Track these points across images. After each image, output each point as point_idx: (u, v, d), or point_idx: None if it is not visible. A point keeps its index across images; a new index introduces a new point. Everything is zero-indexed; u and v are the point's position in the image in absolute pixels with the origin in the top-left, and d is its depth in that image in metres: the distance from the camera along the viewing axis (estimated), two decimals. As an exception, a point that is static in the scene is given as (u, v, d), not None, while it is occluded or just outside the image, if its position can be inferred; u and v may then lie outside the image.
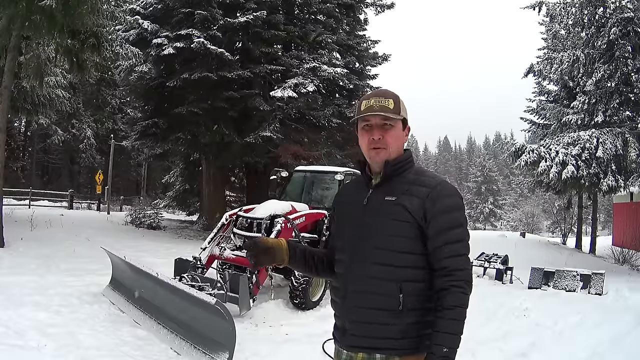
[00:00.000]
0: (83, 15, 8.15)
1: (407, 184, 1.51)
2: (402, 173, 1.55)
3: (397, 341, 1.45)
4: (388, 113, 1.51)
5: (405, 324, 1.44)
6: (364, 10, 16.52)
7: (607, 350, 4.41)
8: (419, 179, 1.53)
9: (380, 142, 1.52)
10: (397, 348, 1.46)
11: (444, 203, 1.47)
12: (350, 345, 1.52)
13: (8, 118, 10.06)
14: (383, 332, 1.46)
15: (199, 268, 5.91)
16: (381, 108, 1.51)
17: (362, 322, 1.48)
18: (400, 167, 1.55)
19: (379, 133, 1.52)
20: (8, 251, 8.08)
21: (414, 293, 1.45)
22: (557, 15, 12.25)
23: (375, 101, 1.53)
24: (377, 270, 1.47)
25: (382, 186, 1.55)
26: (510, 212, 51.78)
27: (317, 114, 14.08)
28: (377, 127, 1.53)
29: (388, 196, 1.51)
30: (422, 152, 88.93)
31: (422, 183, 1.51)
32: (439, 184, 1.51)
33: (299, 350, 4.35)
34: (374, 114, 1.51)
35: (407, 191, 1.49)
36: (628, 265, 12.89)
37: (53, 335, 4.13)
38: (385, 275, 1.46)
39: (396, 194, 1.50)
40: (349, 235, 1.56)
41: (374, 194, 1.55)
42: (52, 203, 21.61)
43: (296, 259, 1.66)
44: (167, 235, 14.12)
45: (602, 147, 10.69)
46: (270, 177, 7.45)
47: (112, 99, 28.21)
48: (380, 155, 1.53)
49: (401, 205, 1.47)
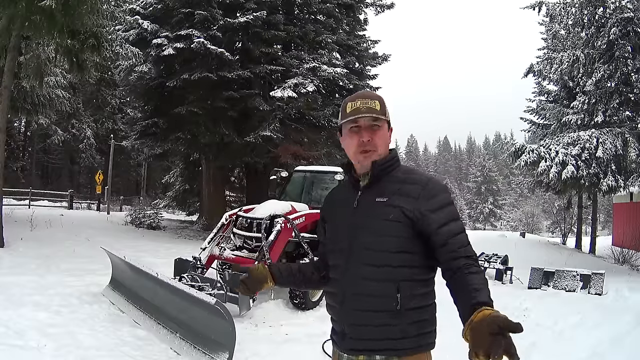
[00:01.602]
0: (83, 15, 8.14)
1: (398, 183, 1.51)
2: (391, 172, 1.54)
3: (397, 341, 1.45)
4: (375, 114, 1.50)
5: (404, 323, 1.44)
6: (364, 10, 16.53)
7: (607, 350, 4.41)
8: (409, 177, 1.52)
9: (369, 145, 1.51)
10: (396, 348, 1.45)
11: (438, 199, 1.47)
12: (350, 349, 1.52)
13: (8, 118, 10.05)
14: (383, 334, 1.45)
15: (198, 268, 5.90)
16: (368, 109, 1.50)
17: (362, 324, 1.48)
18: (388, 167, 1.54)
19: (368, 135, 1.51)
20: (8, 251, 8.07)
21: (412, 292, 1.45)
22: (557, 15, 12.27)
23: (362, 103, 1.51)
24: (374, 272, 1.46)
25: (372, 187, 1.53)
26: (510, 212, 51.85)
27: (317, 114, 14.08)
28: (366, 128, 1.51)
29: (379, 197, 1.50)
30: (422, 152, 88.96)
31: (413, 181, 1.50)
32: (430, 181, 1.51)
33: (298, 350, 4.35)
34: (363, 115, 1.50)
35: (398, 190, 1.48)
36: (628, 265, 12.90)
37: (53, 335, 4.13)
38: (382, 277, 1.45)
39: (387, 195, 1.49)
40: (342, 239, 1.54)
41: (363, 196, 1.54)
42: (52, 203, 21.62)
43: (282, 277, 1.70)
44: (167, 235, 14.12)
45: (602, 147, 10.69)
46: (270, 177, 7.45)
47: (112, 99, 28.22)
48: (371, 158, 1.52)
49: (393, 205, 1.46)
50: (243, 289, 1.67)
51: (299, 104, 13.14)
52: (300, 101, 13.03)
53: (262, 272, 1.67)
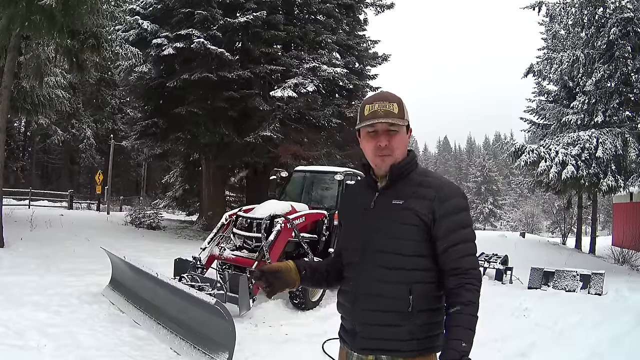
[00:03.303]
0: (83, 16, 8.14)
1: (414, 186, 1.51)
2: (408, 175, 1.54)
3: (405, 343, 1.45)
4: (394, 119, 1.49)
5: (414, 325, 1.45)
6: (364, 10, 16.54)
7: (607, 350, 4.42)
8: (425, 180, 1.52)
9: (386, 149, 1.50)
10: (403, 350, 1.46)
11: (451, 204, 1.47)
12: (361, 348, 1.52)
13: (8, 118, 10.05)
14: (392, 334, 1.46)
15: (198, 268, 5.91)
16: (386, 113, 1.48)
17: (373, 324, 1.48)
18: (406, 170, 1.54)
19: (385, 139, 1.50)
20: (8, 251, 8.07)
21: (424, 295, 1.46)
22: (557, 16, 12.27)
23: (380, 106, 1.49)
24: (387, 273, 1.46)
25: (389, 189, 1.54)
26: (510, 212, 51.82)
27: (316, 114, 14.07)
28: (383, 133, 1.50)
29: (395, 200, 1.50)
30: (422, 152, 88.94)
31: (429, 184, 1.50)
32: (445, 185, 1.51)
33: (298, 350, 4.35)
34: (380, 121, 1.48)
35: (414, 194, 1.49)
36: (628, 265, 12.90)
37: (53, 335, 4.13)
38: (395, 279, 1.46)
39: (404, 197, 1.49)
40: (358, 239, 1.55)
41: (380, 198, 1.54)
42: (51, 203, 21.61)
43: (307, 277, 1.63)
44: (166, 235, 14.11)
45: (602, 147, 10.69)
46: (270, 177, 7.44)
47: (112, 99, 28.22)
48: (386, 162, 1.52)
49: (409, 209, 1.47)
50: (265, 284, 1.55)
51: (299, 104, 13.14)
52: (300, 101, 13.03)
53: (294, 276, 1.59)
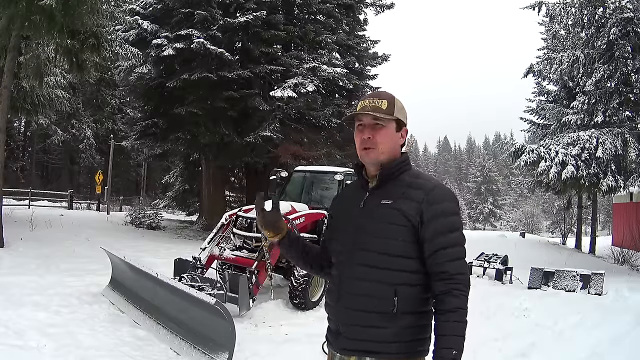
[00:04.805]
0: (83, 15, 8.14)
1: (404, 187, 1.51)
2: (399, 176, 1.54)
3: (389, 345, 1.44)
4: (379, 113, 1.51)
5: (398, 327, 1.43)
6: (364, 10, 16.51)
7: (607, 350, 4.42)
8: (415, 182, 1.52)
9: (369, 142, 1.52)
10: (388, 352, 1.44)
11: (440, 206, 1.46)
12: (343, 349, 1.51)
13: (8, 118, 10.04)
14: (376, 335, 1.44)
15: (198, 268, 5.91)
16: (373, 108, 1.52)
17: (356, 324, 1.47)
18: (396, 170, 1.54)
19: (369, 132, 1.53)
20: (8, 251, 8.07)
21: (409, 296, 1.45)
22: (557, 16, 12.26)
23: (370, 102, 1.54)
24: (373, 273, 1.46)
25: (379, 189, 1.54)
26: (510, 212, 51.80)
27: (316, 114, 14.06)
28: (369, 126, 1.53)
29: (384, 199, 1.50)
30: (422, 153, 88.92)
31: (419, 186, 1.49)
32: (436, 187, 1.50)
33: (298, 350, 4.35)
34: (365, 113, 1.52)
35: (403, 194, 1.48)
36: (628, 265, 12.90)
37: (53, 335, 4.13)
38: (380, 279, 1.45)
39: (392, 198, 1.49)
40: (345, 238, 1.55)
41: (370, 197, 1.55)
42: (51, 203, 21.61)
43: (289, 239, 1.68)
44: (166, 235, 14.11)
45: (602, 147, 10.69)
46: (270, 177, 7.43)
47: (112, 99, 28.22)
48: (370, 156, 1.53)
49: (397, 209, 1.46)
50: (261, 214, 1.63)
51: (298, 104, 13.13)
52: (300, 101, 13.02)
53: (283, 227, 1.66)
